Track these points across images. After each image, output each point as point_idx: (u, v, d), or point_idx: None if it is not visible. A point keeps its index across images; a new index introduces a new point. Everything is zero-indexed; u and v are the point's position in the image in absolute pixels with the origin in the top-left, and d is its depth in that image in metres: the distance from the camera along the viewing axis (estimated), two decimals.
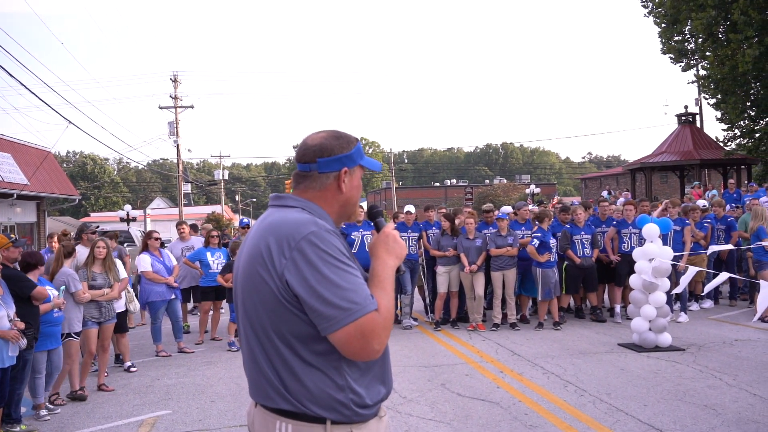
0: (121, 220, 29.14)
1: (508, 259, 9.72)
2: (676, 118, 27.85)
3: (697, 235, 10.60)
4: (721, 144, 24.72)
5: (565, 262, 10.00)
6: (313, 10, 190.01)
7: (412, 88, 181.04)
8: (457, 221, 10.27)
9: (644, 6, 25.06)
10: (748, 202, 12.63)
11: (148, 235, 9.43)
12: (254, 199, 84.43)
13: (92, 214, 65.55)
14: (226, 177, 58.93)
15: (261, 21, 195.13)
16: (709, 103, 24.41)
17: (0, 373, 5.40)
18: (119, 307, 7.76)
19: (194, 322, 11.28)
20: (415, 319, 10.69)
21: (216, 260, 9.87)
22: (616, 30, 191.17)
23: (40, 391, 6.26)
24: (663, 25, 24.35)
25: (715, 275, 7.16)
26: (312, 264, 1.79)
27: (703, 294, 10.61)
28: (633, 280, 8.33)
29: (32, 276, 6.11)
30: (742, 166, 25.23)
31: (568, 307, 10.71)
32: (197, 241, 11.17)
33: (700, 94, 27.95)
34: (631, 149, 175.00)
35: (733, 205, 13.31)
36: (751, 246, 10.03)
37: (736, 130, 23.31)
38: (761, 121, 22.50)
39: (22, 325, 5.58)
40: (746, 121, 22.85)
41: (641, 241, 8.82)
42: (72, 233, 9.73)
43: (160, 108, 35.34)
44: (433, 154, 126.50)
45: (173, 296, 9.02)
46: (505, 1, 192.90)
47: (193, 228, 12.68)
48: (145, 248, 9.13)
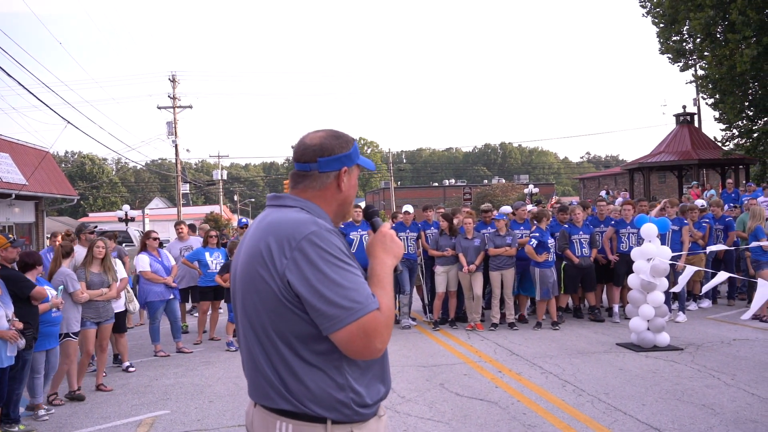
0: (120, 220, 29.15)
1: (506, 259, 9.72)
2: (675, 118, 27.90)
3: (695, 234, 10.62)
4: (719, 144, 24.74)
5: (564, 262, 10.01)
6: (312, 10, 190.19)
7: (410, 88, 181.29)
8: (455, 221, 10.27)
9: (642, 6, 25.07)
10: (746, 202, 12.65)
11: (146, 235, 9.44)
12: (253, 199, 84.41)
13: (91, 214, 65.47)
14: (225, 177, 58.91)
15: (259, 21, 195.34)
16: (707, 103, 24.46)
17: None
18: (118, 307, 7.76)
19: (193, 322, 11.29)
20: (414, 319, 10.69)
21: (215, 260, 9.87)
22: (615, 30, 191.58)
23: (38, 391, 6.26)
24: (661, 25, 24.35)
25: (713, 275, 7.18)
26: (313, 263, 1.79)
27: (701, 294, 10.63)
28: (631, 279, 8.34)
29: (30, 276, 6.11)
30: (740, 166, 25.28)
31: (567, 306, 10.72)
32: (196, 241, 11.17)
33: (698, 94, 27.95)
34: (629, 149, 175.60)
35: (731, 204, 13.33)
36: (749, 246, 10.04)
37: (734, 130, 23.33)
38: (759, 121, 22.52)
39: (20, 325, 5.58)
40: (744, 121, 22.87)
41: (639, 241, 8.84)
42: (73, 233, 9.74)
43: (159, 108, 35.31)
44: (432, 154, 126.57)
45: (172, 296, 9.04)
46: (504, 1, 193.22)
47: (192, 228, 12.68)
48: (144, 248, 9.13)
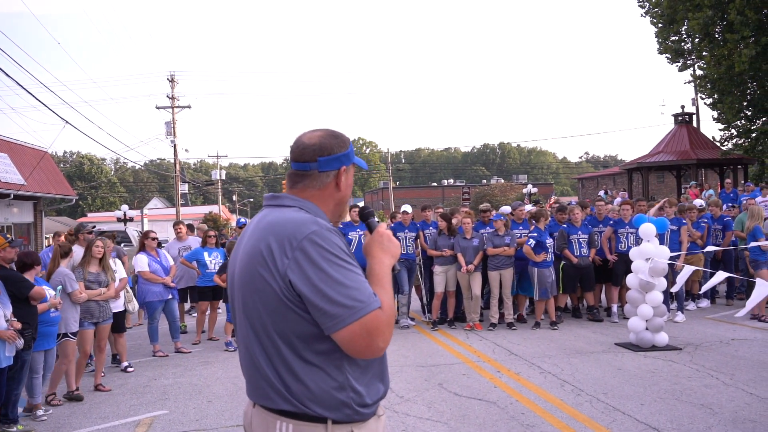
0: (118, 220, 29.13)
1: (505, 259, 9.73)
2: (673, 118, 27.94)
3: (693, 234, 10.63)
4: (718, 144, 24.76)
5: (562, 262, 10.01)
6: (310, 10, 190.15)
7: (409, 88, 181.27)
8: (454, 221, 10.27)
9: (641, 6, 25.09)
10: (744, 201, 12.66)
11: (145, 235, 9.44)
12: (251, 199, 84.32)
13: (89, 215, 65.35)
14: (224, 177, 58.83)
15: (258, 21, 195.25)
16: (705, 103, 24.47)
17: None
18: (117, 307, 7.76)
19: (191, 322, 11.28)
20: (413, 319, 10.69)
21: (213, 260, 9.87)
22: (613, 30, 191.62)
23: (37, 391, 6.25)
24: (660, 25, 24.36)
25: (711, 275, 7.18)
26: (315, 263, 1.78)
27: (700, 293, 10.65)
28: (630, 279, 8.35)
29: (29, 276, 6.10)
30: (739, 166, 25.32)
31: (566, 306, 10.73)
32: (194, 241, 11.16)
33: (696, 94, 27.96)
34: (628, 149, 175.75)
35: (730, 204, 13.34)
36: (748, 246, 10.05)
37: (733, 130, 23.34)
38: (758, 121, 22.53)
39: (18, 325, 5.58)
40: (743, 121, 22.89)
41: (638, 241, 8.84)
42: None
43: (157, 108, 35.27)
44: (431, 154, 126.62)
45: (170, 296, 9.04)
46: (503, 1, 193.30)
47: (190, 228, 12.67)
48: (142, 248, 9.13)
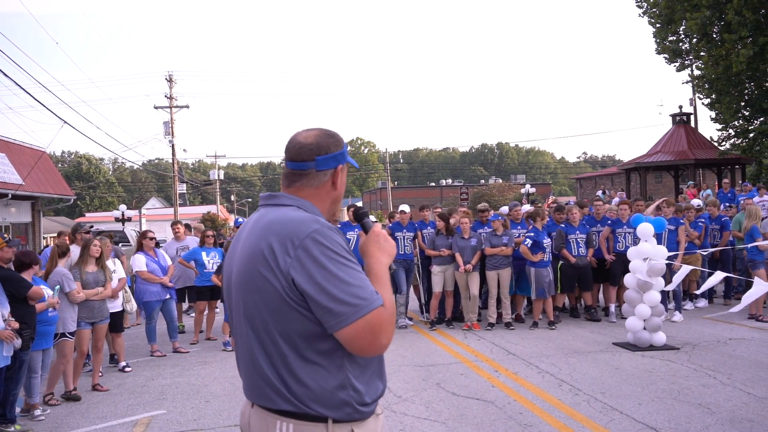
0: (116, 220, 29.06)
1: (503, 259, 9.73)
2: (671, 118, 27.99)
3: (691, 234, 10.64)
4: (716, 144, 24.80)
5: (560, 262, 10.02)
6: (309, 10, 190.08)
7: (407, 88, 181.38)
8: (452, 221, 10.27)
9: (639, 6, 25.12)
10: (742, 201, 12.67)
11: (143, 235, 9.43)
12: (250, 199, 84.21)
13: (87, 214, 65.27)
14: (222, 177, 58.69)
15: (257, 21, 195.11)
16: (703, 103, 24.51)
17: None
18: (115, 307, 7.75)
19: (189, 322, 11.27)
20: (411, 319, 10.70)
21: (211, 260, 9.86)
22: (611, 30, 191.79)
23: (35, 390, 6.24)
24: (657, 26, 24.39)
25: (709, 274, 7.19)
26: (318, 261, 1.78)
27: (697, 293, 10.66)
28: (628, 279, 8.36)
29: (27, 276, 6.09)
30: (737, 166, 25.36)
31: (563, 306, 10.74)
32: (192, 241, 11.16)
33: (694, 94, 28.00)
34: (626, 149, 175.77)
35: (728, 204, 13.36)
36: (746, 246, 10.06)
37: (731, 130, 23.38)
38: (755, 121, 22.56)
39: (16, 325, 5.57)
40: (740, 121, 22.93)
41: (636, 241, 8.85)
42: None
43: (156, 108, 35.22)
44: (429, 154, 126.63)
45: (168, 296, 9.04)
46: (501, 2, 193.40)
47: (188, 228, 12.67)
48: (140, 248, 9.12)
